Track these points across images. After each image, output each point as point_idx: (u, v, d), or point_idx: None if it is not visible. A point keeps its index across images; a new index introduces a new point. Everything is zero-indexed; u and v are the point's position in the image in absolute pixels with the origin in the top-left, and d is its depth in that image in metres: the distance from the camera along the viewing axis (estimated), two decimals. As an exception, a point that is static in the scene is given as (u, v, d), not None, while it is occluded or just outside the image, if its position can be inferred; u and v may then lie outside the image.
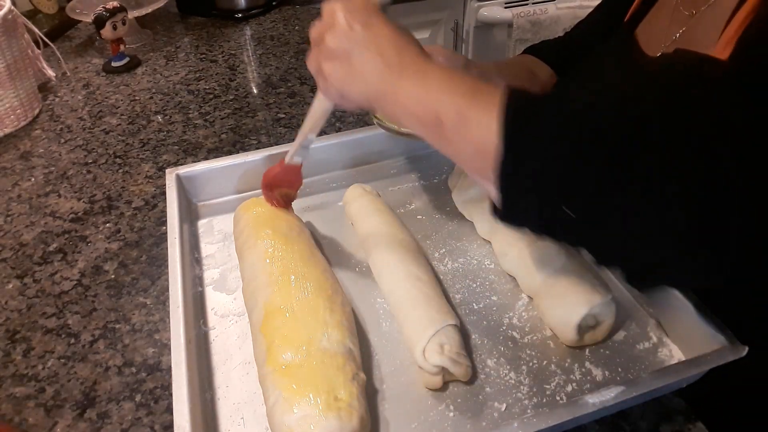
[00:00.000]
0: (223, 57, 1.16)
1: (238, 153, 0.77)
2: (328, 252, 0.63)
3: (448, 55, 0.70)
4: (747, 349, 0.49)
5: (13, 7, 0.91)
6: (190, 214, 0.70)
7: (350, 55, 0.47)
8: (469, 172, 0.47)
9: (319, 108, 0.56)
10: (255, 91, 1.04)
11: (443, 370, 0.50)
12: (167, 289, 0.57)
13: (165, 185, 0.68)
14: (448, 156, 0.46)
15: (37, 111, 0.98)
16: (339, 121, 0.93)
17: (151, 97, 1.02)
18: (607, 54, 0.72)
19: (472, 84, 0.44)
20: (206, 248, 0.67)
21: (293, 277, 0.54)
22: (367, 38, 0.46)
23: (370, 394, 0.51)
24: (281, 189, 0.64)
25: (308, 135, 0.59)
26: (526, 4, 1.72)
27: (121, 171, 0.84)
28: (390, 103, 0.46)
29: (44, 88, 1.05)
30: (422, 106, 0.44)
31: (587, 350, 0.54)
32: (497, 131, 0.39)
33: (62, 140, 0.91)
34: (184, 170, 0.70)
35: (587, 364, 0.53)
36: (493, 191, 0.42)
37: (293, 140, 0.86)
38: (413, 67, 0.45)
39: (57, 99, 1.03)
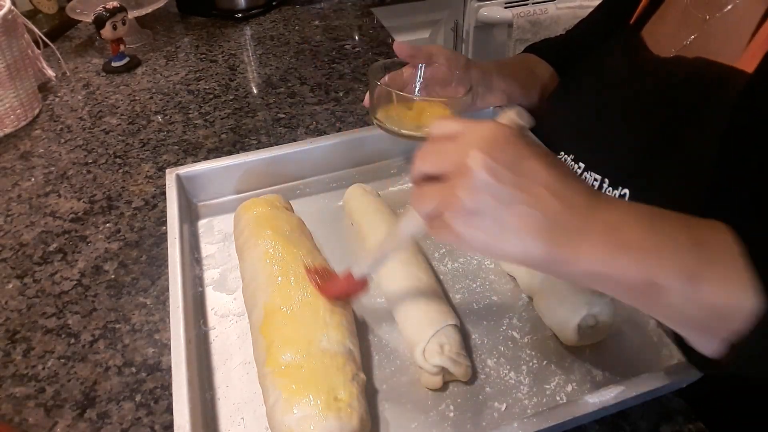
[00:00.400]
0: (223, 57, 1.16)
1: (238, 153, 0.77)
2: (328, 252, 0.63)
3: (449, 55, 0.70)
4: None
5: (13, 7, 0.91)
6: (190, 214, 0.70)
7: (499, 211, 0.35)
8: (683, 331, 0.39)
9: (411, 230, 0.44)
10: (255, 91, 1.04)
11: (443, 370, 0.50)
12: (167, 289, 0.57)
13: (165, 185, 0.68)
14: (656, 315, 0.39)
15: (37, 111, 0.98)
16: (339, 121, 0.93)
17: (151, 97, 1.02)
18: (613, 54, 0.71)
19: (687, 234, 0.36)
20: (206, 248, 0.67)
21: (293, 277, 0.54)
22: (521, 189, 0.35)
23: (370, 394, 0.51)
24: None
25: (390, 254, 0.49)
26: (526, 4, 1.72)
27: (121, 171, 0.84)
28: (564, 265, 0.36)
29: (44, 88, 1.05)
30: (620, 269, 0.35)
31: (587, 350, 0.54)
32: (751, 289, 0.34)
33: (62, 140, 0.91)
34: (184, 170, 0.70)
35: (587, 364, 0.53)
36: (708, 344, 0.37)
37: (293, 140, 0.87)
38: (594, 220, 0.36)
39: (57, 99, 1.03)
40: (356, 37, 1.23)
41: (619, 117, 0.67)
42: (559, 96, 0.79)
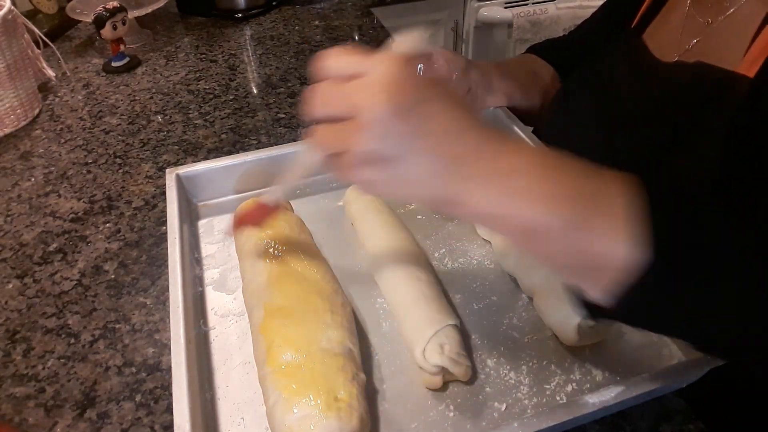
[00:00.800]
0: (223, 57, 1.16)
1: (238, 153, 0.77)
2: (328, 252, 0.63)
3: (449, 57, 0.70)
4: None
5: (13, 7, 0.91)
6: (190, 214, 0.70)
7: (397, 158, 0.36)
8: (565, 275, 0.41)
9: (311, 161, 0.44)
10: (255, 91, 1.04)
11: (443, 370, 0.50)
12: (167, 289, 0.57)
13: (165, 185, 0.68)
14: (537, 258, 0.40)
15: (37, 111, 0.98)
16: (339, 121, 0.93)
17: (151, 97, 1.02)
18: (615, 58, 0.71)
19: (582, 185, 0.37)
20: (206, 248, 0.67)
21: (293, 277, 0.54)
22: (420, 135, 0.35)
23: (370, 394, 0.51)
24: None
25: (294, 182, 0.51)
26: (526, 4, 1.72)
27: (121, 171, 0.84)
28: (458, 207, 0.37)
29: (44, 88, 1.05)
30: (510, 213, 0.36)
31: (587, 350, 0.54)
32: (632, 246, 0.34)
33: (62, 140, 0.91)
34: (184, 170, 0.70)
35: (587, 364, 0.53)
36: (594, 294, 0.38)
37: (293, 140, 0.87)
38: (492, 166, 0.36)
39: (57, 99, 1.03)
40: (356, 37, 1.23)
41: (621, 122, 0.66)
42: (559, 100, 0.78)
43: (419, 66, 0.70)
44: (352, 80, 0.36)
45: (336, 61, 0.37)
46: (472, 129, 0.37)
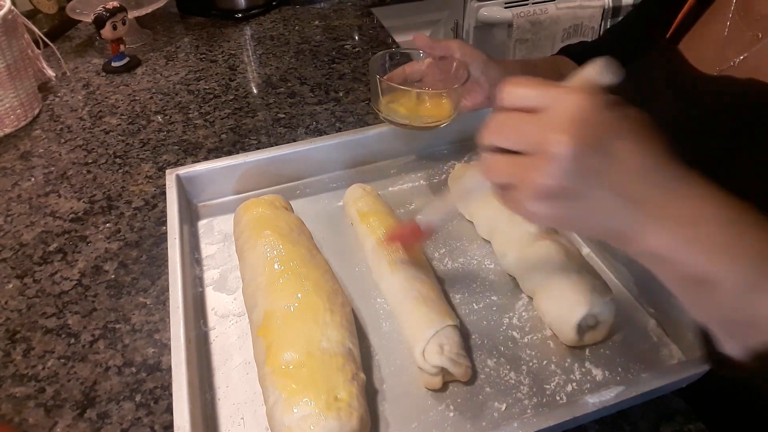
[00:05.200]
0: (223, 57, 1.16)
1: (238, 153, 0.77)
2: (328, 252, 0.63)
3: (467, 51, 0.69)
4: None
5: (13, 7, 0.91)
6: (190, 215, 0.70)
7: (578, 195, 0.35)
8: (715, 328, 0.39)
9: (475, 187, 0.44)
10: (255, 91, 1.04)
11: (443, 371, 0.50)
12: (167, 289, 0.57)
13: (165, 185, 0.68)
14: (689, 306, 0.39)
15: (37, 111, 0.98)
16: (339, 121, 0.93)
17: (151, 97, 1.02)
18: (651, 67, 0.67)
19: (759, 241, 0.35)
20: (206, 249, 0.67)
21: (293, 277, 0.54)
22: (606, 174, 0.34)
23: (370, 394, 0.51)
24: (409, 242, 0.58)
25: (454, 207, 0.51)
26: (526, 4, 1.72)
27: (121, 171, 0.84)
28: (629, 244, 0.37)
29: (44, 88, 1.05)
30: (683, 260, 0.35)
31: (587, 350, 0.54)
32: None
33: (62, 140, 0.91)
34: (184, 170, 0.70)
35: (587, 364, 0.53)
36: (735, 349, 0.37)
37: (293, 140, 0.87)
38: (674, 210, 0.35)
39: (57, 99, 1.03)
40: (356, 37, 1.23)
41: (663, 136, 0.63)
42: None
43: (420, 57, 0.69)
44: (536, 113, 0.35)
45: (519, 92, 0.36)
46: (658, 169, 0.35)
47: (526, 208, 0.36)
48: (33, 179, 0.83)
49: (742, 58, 0.57)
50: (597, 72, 0.36)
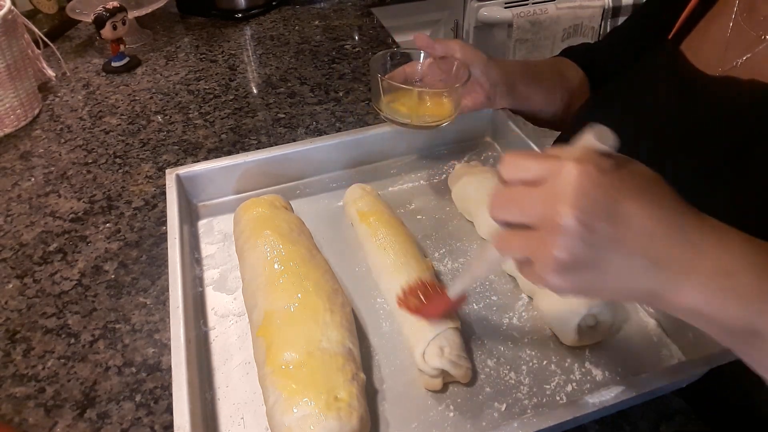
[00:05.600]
0: (223, 57, 1.16)
1: (238, 153, 0.77)
2: (328, 252, 0.63)
3: (468, 51, 0.69)
4: None
5: (13, 7, 0.91)
6: (190, 215, 0.70)
7: (596, 263, 0.34)
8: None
9: (497, 259, 0.44)
10: (255, 91, 1.04)
11: (443, 372, 0.50)
12: (167, 289, 0.57)
13: (165, 185, 0.68)
14: (744, 358, 0.37)
15: (37, 111, 0.98)
16: (339, 121, 0.93)
17: (151, 97, 1.02)
18: (653, 68, 0.66)
19: None
20: (206, 248, 0.67)
21: (293, 277, 0.54)
22: (620, 238, 0.33)
23: (370, 394, 0.51)
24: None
25: (480, 277, 0.51)
26: (526, 4, 1.72)
27: (121, 171, 0.84)
28: (665, 304, 0.35)
29: (44, 88, 1.05)
30: (723, 314, 0.34)
31: (587, 350, 0.54)
32: None
33: (62, 140, 0.91)
34: (184, 170, 0.70)
35: (587, 364, 0.53)
36: None
37: (293, 140, 0.87)
38: (700, 264, 0.34)
39: (57, 99, 1.03)
40: (356, 37, 1.23)
41: (664, 138, 0.61)
42: (589, 109, 0.74)
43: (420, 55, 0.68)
44: (538, 186, 0.35)
45: (518, 164, 0.36)
46: (674, 224, 0.34)
47: (548, 281, 0.35)
48: (33, 179, 0.83)
49: (745, 58, 0.57)
50: (593, 139, 0.35)
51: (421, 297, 0.53)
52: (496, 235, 0.38)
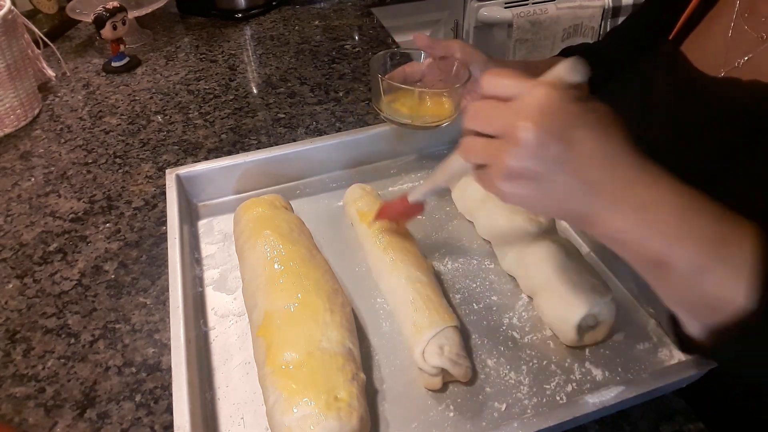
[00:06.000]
0: (223, 57, 1.16)
1: (238, 153, 0.77)
2: (328, 252, 0.63)
3: (468, 51, 0.69)
4: None
5: (13, 7, 0.91)
6: (190, 215, 0.70)
7: (541, 177, 0.38)
8: (676, 308, 0.42)
9: (459, 168, 0.48)
10: (255, 91, 1.04)
11: (443, 371, 0.50)
12: (167, 289, 0.57)
13: (165, 185, 0.68)
14: (656, 290, 0.41)
15: (37, 111, 0.98)
16: (339, 121, 0.93)
17: (151, 97, 1.02)
18: (654, 69, 0.66)
19: (712, 229, 0.38)
20: (206, 248, 0.67)
21: (293, 277, 0.54)
22: (566, 159, 0.37)
23: (370, 394, 0.51)
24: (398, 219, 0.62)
25: (441, 185, 0.54)
26: (526, 4, 1.72)
27: (121, 171, 0.84)
28: (591, 227, 0.40)
29: (44, 88, 1.05)
30: (639, 243, 0.39)
31: (587, 350, 0.54)
32: (748, 295, 0.36)
33: (62, 140, 0.91)
34: (184, 170, 0.70)
35: (587, 364, 0.53)
36: (696, 327, 0.40)
37: (293, 140, 0.87)
38: (629, 196, 0.38)
39: (57, 99, 1.03)
40: (356, 37, 1.23)
41: (665, 138, 0.62)
42: None
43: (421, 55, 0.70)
44: (508, 102, 0.38)
45: (496, 81, 0.39)
46: (616, 157, 0.38)
47: (496, 186, 0.39)
48: (33, 179, 0.83)
49: (746, 59, 0.57)
50: (566, 70, 0.39)
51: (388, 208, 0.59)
52: (462, 142, 0.42)
